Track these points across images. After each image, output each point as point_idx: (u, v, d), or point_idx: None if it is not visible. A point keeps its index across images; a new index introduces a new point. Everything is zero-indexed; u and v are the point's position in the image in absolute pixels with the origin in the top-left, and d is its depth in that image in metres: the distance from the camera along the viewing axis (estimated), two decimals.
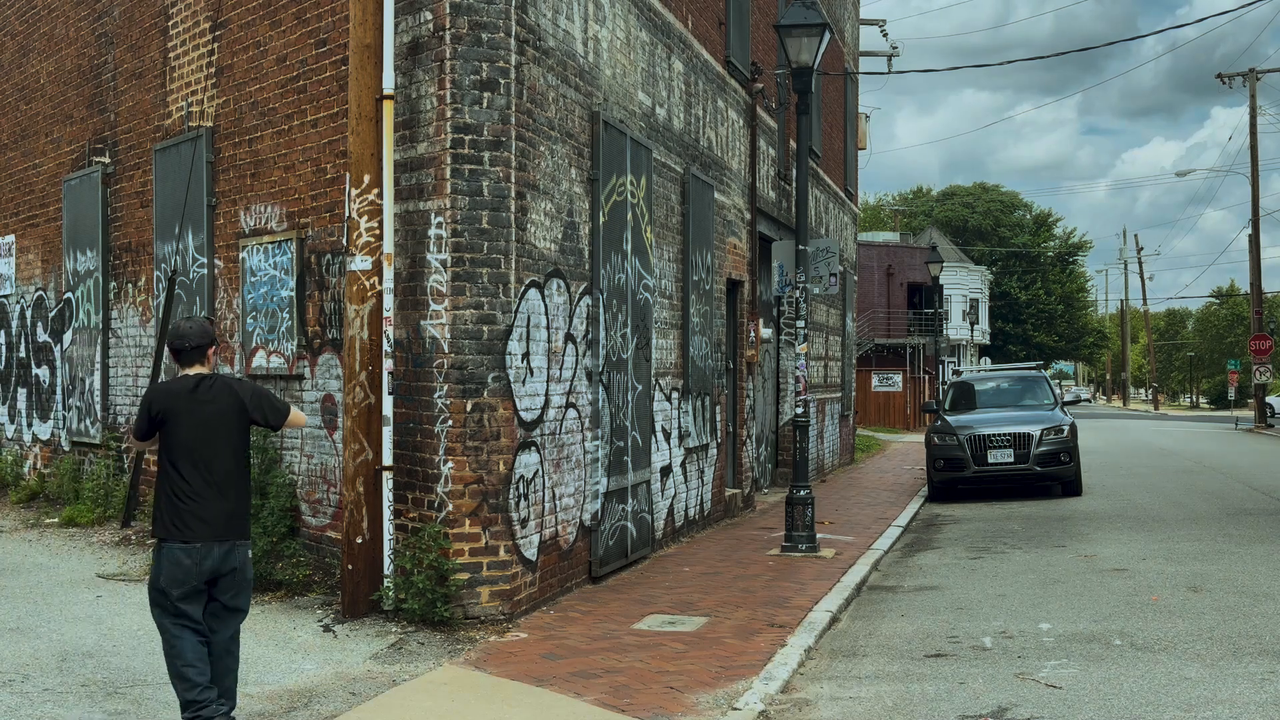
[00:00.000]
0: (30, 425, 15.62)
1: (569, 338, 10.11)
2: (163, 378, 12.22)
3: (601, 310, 10.70)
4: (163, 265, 12.33)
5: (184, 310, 11.91)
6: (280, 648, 8.11)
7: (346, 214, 9.05)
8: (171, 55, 12.23)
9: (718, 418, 14.91)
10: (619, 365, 11.19)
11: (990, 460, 18.32)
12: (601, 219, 10.71)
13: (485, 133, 8.88)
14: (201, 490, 5.99)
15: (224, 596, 6.10)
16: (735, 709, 6.89)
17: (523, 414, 9.19)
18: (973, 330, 69.06)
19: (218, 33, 11.37)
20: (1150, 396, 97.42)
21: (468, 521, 8.73)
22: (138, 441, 6.34)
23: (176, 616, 5.98)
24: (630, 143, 11.40)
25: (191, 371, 6.18)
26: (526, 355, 9.25)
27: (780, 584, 10.84)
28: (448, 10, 8.80)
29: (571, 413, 10.14)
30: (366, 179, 8.83)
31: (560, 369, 9.93)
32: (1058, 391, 22.34)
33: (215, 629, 6.12)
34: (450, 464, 8.73)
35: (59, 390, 14.79)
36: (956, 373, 48.17)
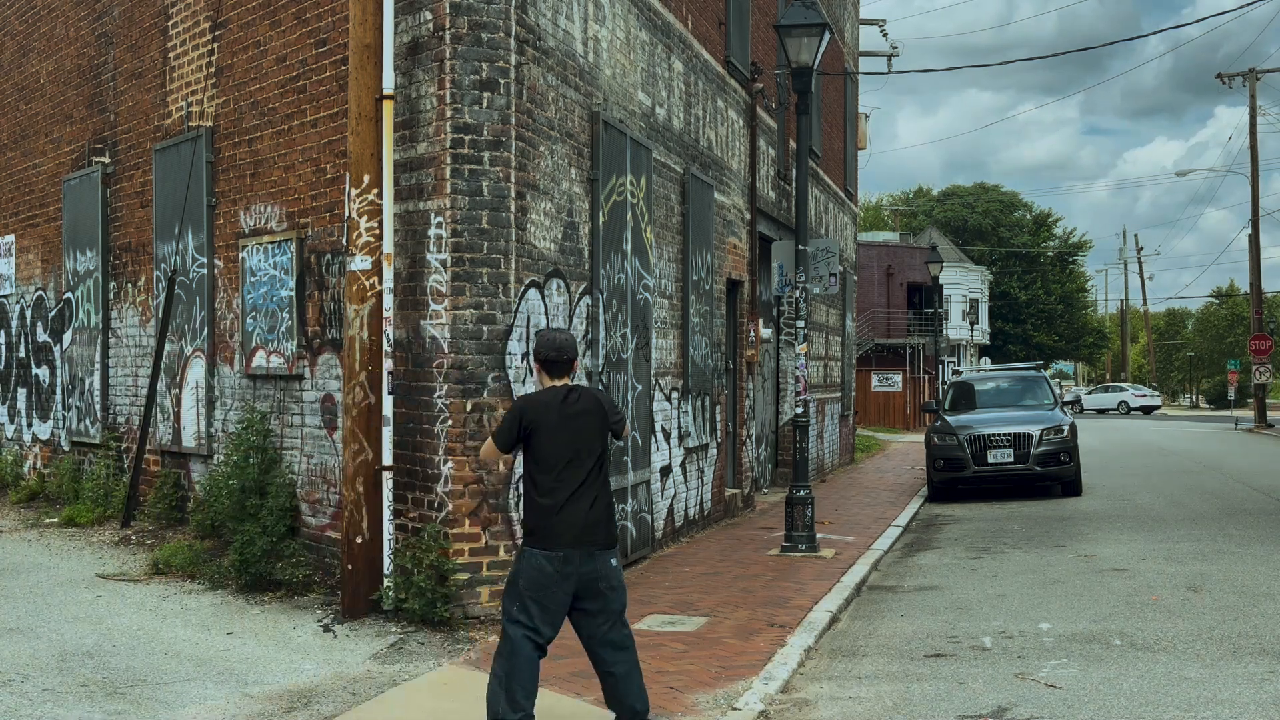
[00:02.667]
0: (30, 425, 15.63)
1: None
2: (162, 378, 12.23)
3: (601, 310, 10.70)
4: (163, 265, 12.33)
5: (183, 310, 11.90)
6: (280, 648, 8.11)
7: (346, 214, 9.05)
8: (171, 55, 12.23)
9: (718, 418, 14.91)
10: (619, 365, 11.19)
11: (990, 460, 18.33)
12: (601, 219, 10.71)
13: (485, 133, 8.88)
14: (566, 499, 5.95)
15: (593, 605, 6.02)
16: (735, 709, 6.89)
17: None
18: (973, 330, 69.07)
19: (217, 33, 11.37)
20: None
21: (467, 521, 8.73)
22: (496, 453, 6.16)
23: (529, 625, 5.91)
24: (630, 143, 11.40)
25: (559, 383, 6.13)
26: (526, 355, 9.25)
27: (780, 584, 10.84)
28: (448, 10, 8.80)
29: None
30: (366, 179, 8.83)
31: None
32: (1057, 391, 22.35)
33: (611, 662, 6.07)
34: (450, 464, 8.73)
35: (59, 390, 14.79)
36: (956, 373, 48.16)
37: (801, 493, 12.62)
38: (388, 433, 8.85)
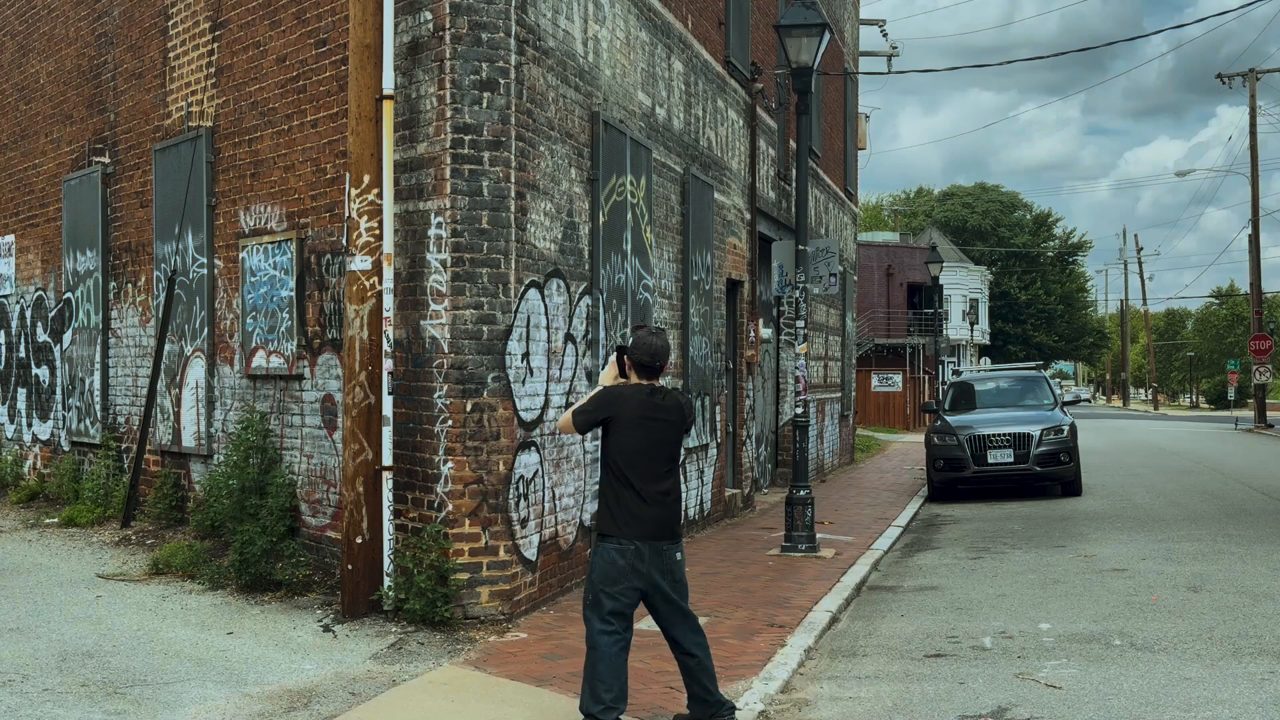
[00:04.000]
0: (30, 425, 15.62)
1: (569, 338, 10.11)
2: (162, 379, 12.23)
3: (601, 310, 10.70)
4: (163, 265, 12.33)
5: (183, 310, 11.91)
6: (280, 648, 8.11)
7: (346, 214, 9.05)
8: (171, 55, 12.23)
9: (717, 418, 14.91)
10: None
11: (990, 460, 18.32)
12: (601, 219, 10.71)
13: (485, 133, 8.88)
14: (642, 492, 6.17)
15: (663, 599, 6.28)
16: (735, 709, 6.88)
17: (523, 414, 9.19)
18: (972, 330, 69.07)
19: (217, 33, 11.37)
20: (1150, 396, 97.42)
21: (467, 521, 8.73)
22: (572, 430, 6.41)
23: (604, 618, 6.15)
24: (630, 143, 11.40)
25: (645, 382, 6.37)
26: (526, 355, 9.25)
27: (780, 584, 10.84)
28: (447, 10, 8.80)
29: None
30: (366, 179, 8.83)
31: (560, 369, 9.93)
32: (1058, 392, 22.34)
33: (688, 649, 6.34)
34: (450, 464, 8.73)
35: (59, 390, 14.79)
36: (956, 373, 48.17)
37: (801, 493, 12.62)
38: (388, 433, 8.85)
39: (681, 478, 6.32)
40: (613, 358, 6.52)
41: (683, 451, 11.55)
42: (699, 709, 6.42)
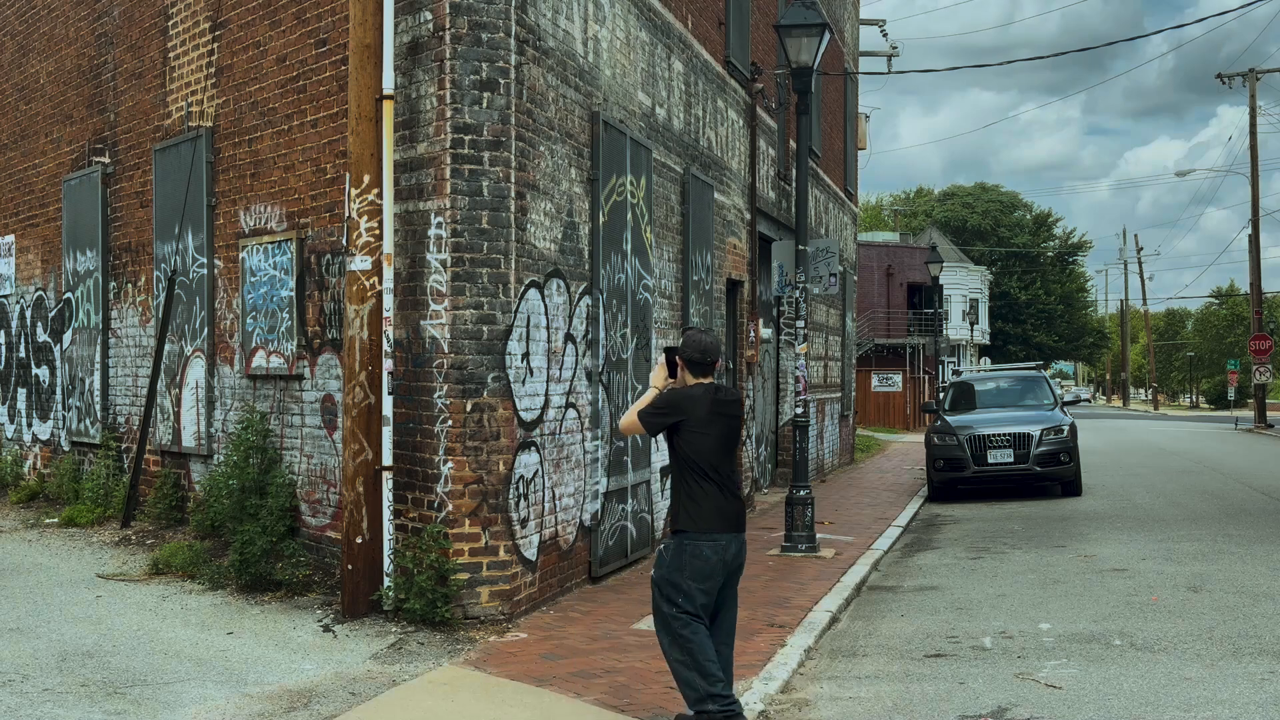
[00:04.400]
0: (30, 425, 15.63)
1: (569, 338, 10.11)
2: (162, 378, 12.23)
3: (601, 310, 10.70)
4: (163, 265, 12.33)
5: (183, 310, 11.91)
6: (280, 648, 8.11)
7: (346, 214, 9.05)
8: (171, 55, 12.23)
9: None
10: (619, 365, 11.19)
11: (990, 460, 18.32)
12: (601, 219, 10.71)
13: (485, 133, 8.88)
14: (719, 488, 6.43)
15: (729, 589, 6.52)
16: None
17: (523, 414, 9.19)
18: (973, 330, 69.08)
19: (217, 33, 11.37)
20: (1150, 396, 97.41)
21: (467, 521, 8.73)
22: (638, 429, 6.63)
23: (694, 612, 6.33)
24: (630, 143, 11.40)
25: (703, 380, 6.60)
26: (526, 355, 9.25)
27: (780, 584, 10.84)
28: (447, 10, 8.80)
29: (571, 413, 10.15)
30: (366, 179, 8.83)
31: (560, 369, 9.93)
32: (1058, 392, 22.34)
33: (721, 612, 6.54)
34: (450, 464, 8.73)
35: (59, 390, 14.79)
36: (956, 373, 48.18)
37: (801, 493, 12.62)
38: (387, 433, 8.85)
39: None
40: (661, 358, 6.74)
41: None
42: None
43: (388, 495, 8.84)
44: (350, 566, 8.76)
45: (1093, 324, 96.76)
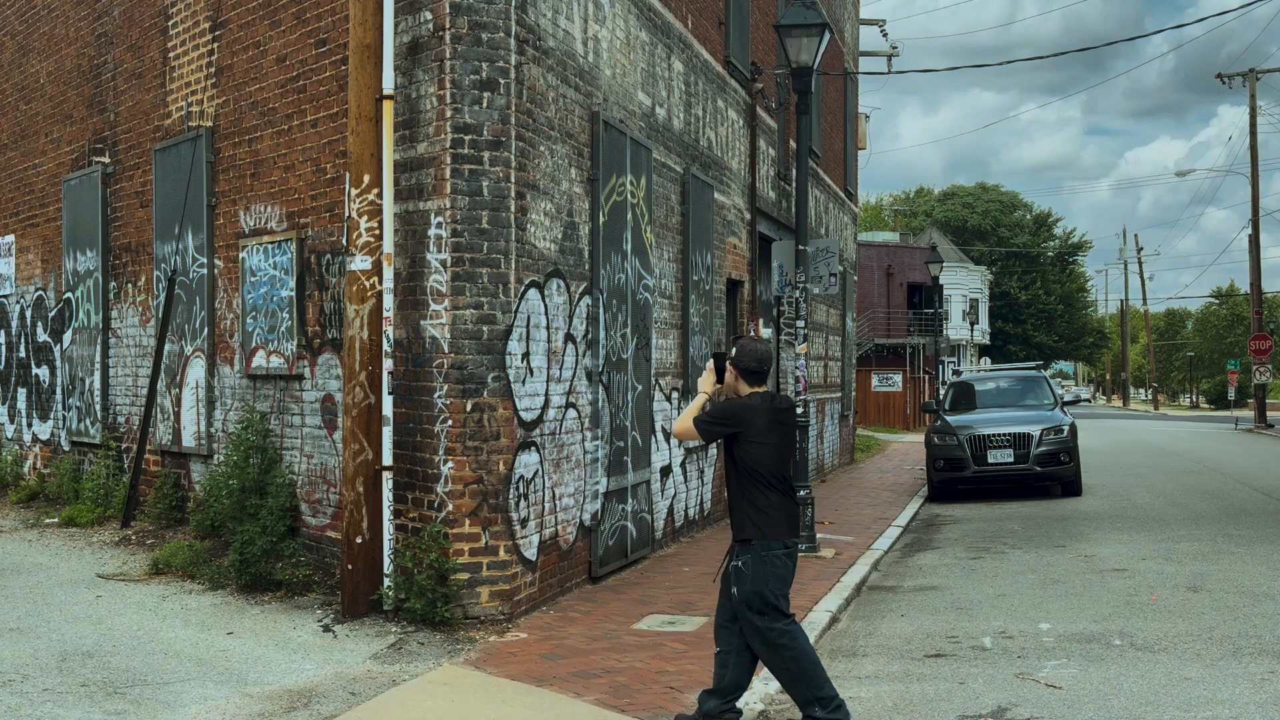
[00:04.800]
0: (30, 425, 15.63)
1: (569, 338, 10.11)
2: (162, 378, 12.22)
3: (601, 310, 10.70)
4: (163, 265, 12.33)
5: (183, 310, 11.91)
6: (280, 648, 8.11)
7: (346, 214, 9.05)
8: (171, 55, 12.23)
9: None
10: (619, 365, 11.19)
11: (990, 460, 18.32)
12: (601, 219, 10.71)
13: (485, 133, 8.88)
14: (784, 494, 6.55)
15: None
16: None
17: (523, 414, 9.19)
18: (973, 330, 69.06)
19: (217, 33, 11.37)
20: (1150, 396, 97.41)
21: (467, 521, 8.73)
22: (694, 436, 6.73)
23: (788, 617, 6.42)
24: (630, 143, 11.40)
25: (758, 389, 6.69)
26: (526, 355, 9.25)
27: None
28: (447, 10, 8.80)
29: (571, 413, 10.15)
30: (366, 179, 8.83)
31: (560, 369, 9.93)
32: (1058, 391, 22.33)
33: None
34: (450, 464, 8.73)
35: (59, 390, 14.79)
36: (956, 373, 48.17)
37: (801, 493, 12.61)
38: (388, 433, 8.85)
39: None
40: (710, 363, 6.83)
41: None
42: (713, 702, 6.52)
43: (388, 495, 8.84)
44: (350, 566, 8.76)
45: (1093, 324, 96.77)
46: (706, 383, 6.83)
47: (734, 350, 6.78)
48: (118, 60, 13.38)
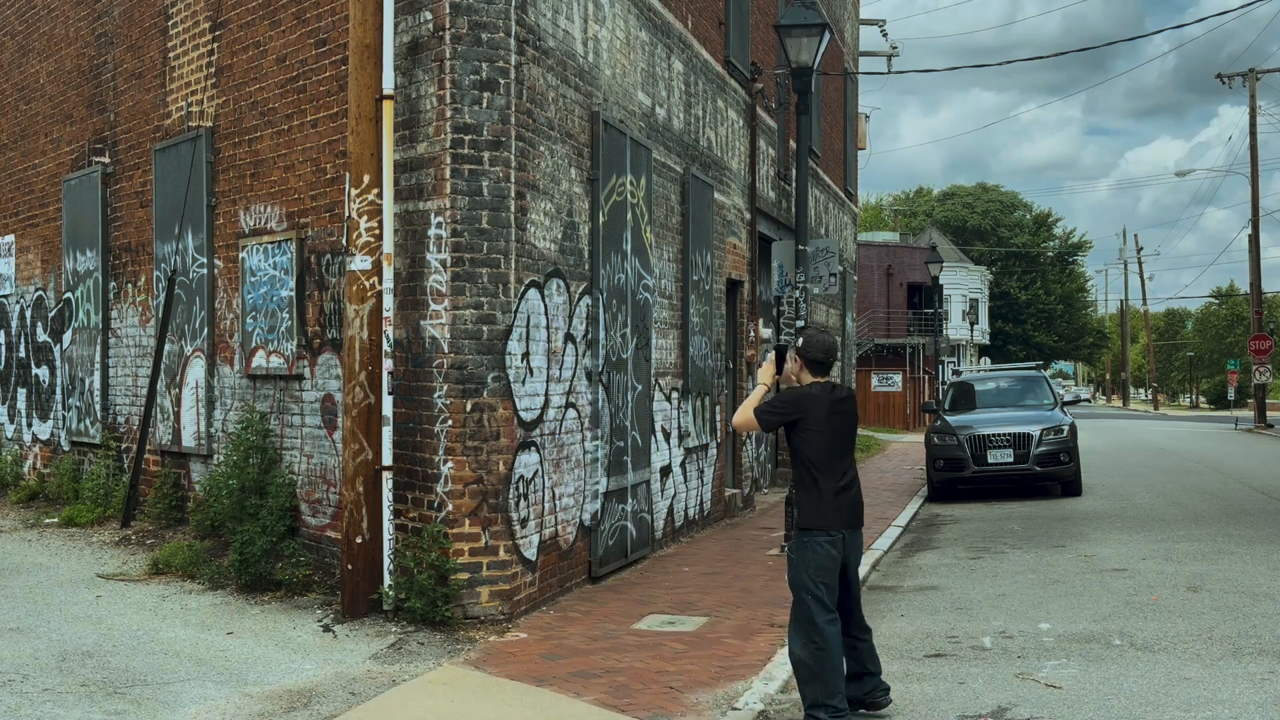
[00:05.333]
0: (30, 425, 15.63)
1: (569, 338, 10.11)
2: (162, 378, 12.22)
3: (601, 310, 10.70)
4: (163, 265, 12.33)
5: (183, 310, 11.90)
6: (280, 647, 8.11)
7: (346, 214, 9.05)
8: (171, 55, 12.23)
9: (717, 418, 14.91)
10: (619, 365, 11.19)
11: (990, 460, 18.31)
12: (601, 219, 10.71)
13: (485, 133, 8.88)
14: (839, 485, 6.73)
15: (849, 576, 6.82)
16: (735, 709, 6.88)
17: (522, 414, 9.19)
18: (972, 330, 69.06)
19: (217, 33, 11.37)
20: (1150, 396, 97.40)
21: (467, 521, 8.73)
22: (754, 426, 6.87)
23: (832, 613, 6.59)
24: (630, 143, 11.40)
25: (821, 380, 6.88)
26: (526, 355, 9.25)
27: (780, 584, 10.83)
28: (447, 10, 8.80)
29: (571, 413, 10.15)
30: (366, 179, 8.83)
31: (560, 369, 9.93)
32: (1058, 391, 22.32)
33: (848, 607, 6.83)
34: (450, 464, 8.73)
35: (59, 390, 14.79)
36: (956, 373, 48.17)
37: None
38: (387, 433, 8.85)
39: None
40: (771, 354, 7.10)
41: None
42: (858, 688, 6.81)
43: (388, 495, 8.84)
44: (350, 566, 8.76)
45: (1093, 324, 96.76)
46: (766, 374, 7.05)
47: (799, 340, 6.94)
48: (118, 60, 13.38)
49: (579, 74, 10.37)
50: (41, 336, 15.35)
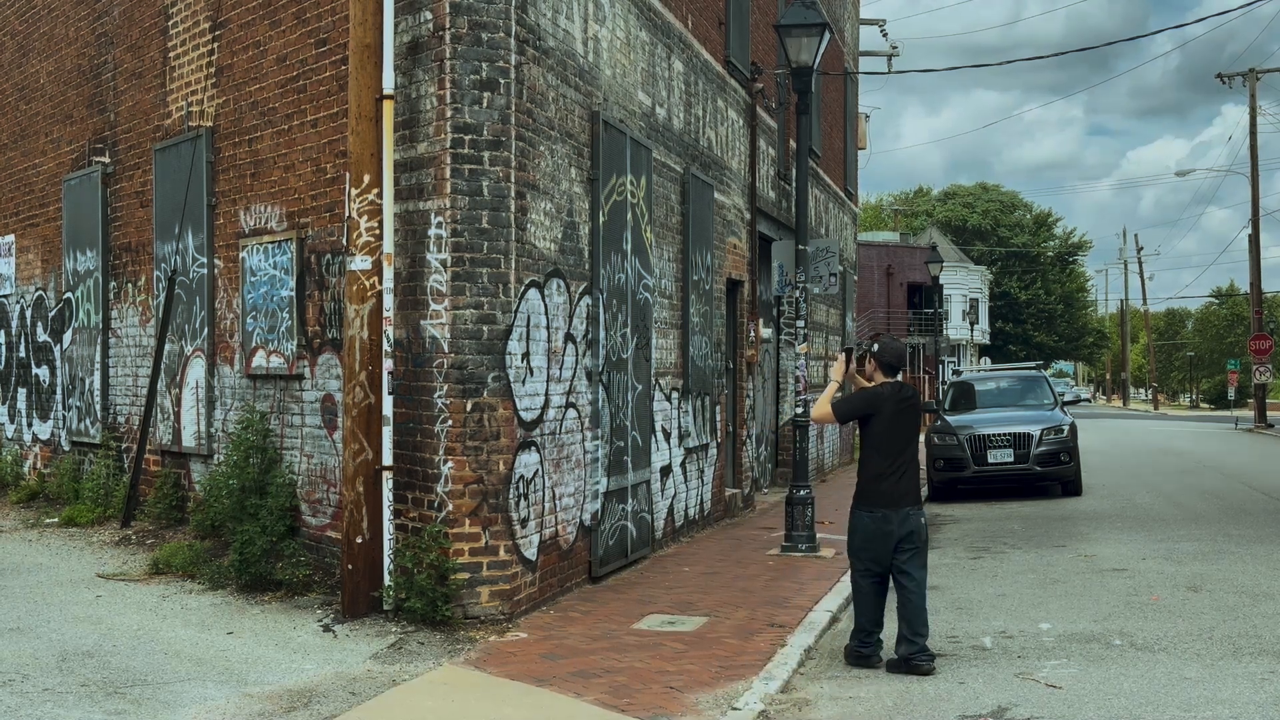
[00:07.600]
0: (30, 425, 15.63)
1: (569, 337, 10.11)
2: (162, 378, 12.23)
3: (601, 310, 10.70)
4: (163, 265, 12.33)
5: (183, 310, 11.90)
6: (280, 647, 8.11)
7: (346, 214, 9.05)
8: (171, 55, 12.23)
9: (718, 418, 14.91)
10: (619, 365, 11.19)
11: (990, 460, 18.32)
12: (601, 219, 10.71)
13: (485, 133, 8.88)
14: (892, 470, 7.92)
15: (905, 554, 7.90)
16: (735, 709, 6.88)
17: (523, 414, 9.19)
18: (973, 330, 69.06)
19: (217, 33, 11.37)
20: (1150, 396, 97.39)
21: (468, 521, 8.73)
22: (830, 418, 8.35)
23: (863, 569, 8.02)
24: (630, 143, 11.40)
25: (889, 380, 8.15)
26: (526, 355, 9.25)
27: (780, 584, 10.83)
28: (448, 10, 8.80)
29: (571, 412, 10.14)
30: (366, 179, 8.83)
31: (560, 369, 9.93)
32: (1058, 391, 22.32)
33: (904, 583, 7.89)
34: (450, 464, 8.73)
35: (59, 390, 14.79)
36: (956, 373, 48.14)
37: (801, 493, 12.61)
38: (388, 433, 8.85)
39: (917, 452, 8.25)
40: (843, 355, 8.44)
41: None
42: (904, 647, 7.84)
43: (388, 495, 8.84)
44: (350, 566, 8.77)
45: (1093, 324, 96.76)
46: (838, 372, 8.33)
47: (875, 346, 8.22)
48: (118, 60, 13.38)
49: (579, 74, 10.37)
50: (42, 336, 15.35)
